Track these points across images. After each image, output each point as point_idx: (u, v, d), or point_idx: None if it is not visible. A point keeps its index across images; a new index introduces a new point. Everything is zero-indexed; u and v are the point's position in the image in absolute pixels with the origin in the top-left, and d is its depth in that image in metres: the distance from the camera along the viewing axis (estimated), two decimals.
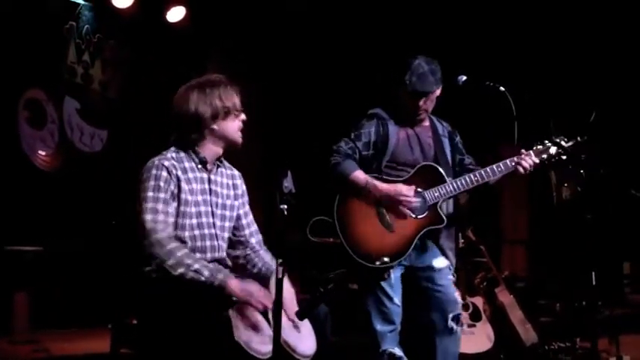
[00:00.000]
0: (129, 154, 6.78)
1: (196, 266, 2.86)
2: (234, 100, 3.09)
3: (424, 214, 3.63)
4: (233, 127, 3.10)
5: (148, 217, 2.90)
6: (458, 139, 3.91)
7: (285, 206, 2.72)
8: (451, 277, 3.78)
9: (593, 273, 4.79)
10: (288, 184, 2.76)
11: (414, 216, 3.61)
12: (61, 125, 6.88)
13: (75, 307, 6.11)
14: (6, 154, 6.26)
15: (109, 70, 7.30)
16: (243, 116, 3.13)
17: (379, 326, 3.64)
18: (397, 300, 3.67)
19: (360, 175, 3.61)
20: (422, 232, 3.62)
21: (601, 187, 4.59)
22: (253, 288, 2.93)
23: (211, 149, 3.10)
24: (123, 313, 3.19)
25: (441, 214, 3.65)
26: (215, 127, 3.06)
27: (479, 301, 5.37)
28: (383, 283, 3.62)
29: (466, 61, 5.18)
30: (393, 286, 3.65)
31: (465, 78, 3.78)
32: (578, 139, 3.78)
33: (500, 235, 7.76)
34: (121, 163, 6.86)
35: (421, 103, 3.67)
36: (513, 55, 6.90)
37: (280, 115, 7.93)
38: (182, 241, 2.96)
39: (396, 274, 3.66)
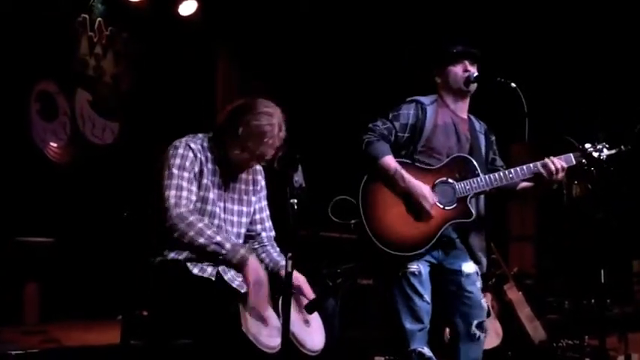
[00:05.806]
0: (140, 146, 6.81)
1: (218, 238, 2.87)
2: (275, 148, 3.08)
3: (452, 206, 3.45)
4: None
5: (172, 192, 2.93)
6: (493, 138, 3.77)
7: (295, 200, 2.73)
8: (479, 283, 3.58)
9: (603, 271, 4.78)
10: (298, 178, 2.76)
11: (440, 206, 3.43)
12: (72, 117, 6.92)
13: (85, 298, 6.14)
14: (18, 146, 6.30)
15: (121, 62, 7.33)
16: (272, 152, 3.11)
17: (408, 324, 3.43)
18: (427, 297, 3.46)
19: (390, 161, 3.43)
20: (448, 224, 3.44)
21: (611, 185, 4.57)
22: (264, 282, 2.88)
23: (237, 155, 3.11)
24: (133, 305, 3.21)
25: (470, 208, 3.46)
26: (250, 145, 3.05)
27: (487, 297, 5.35)
28: (413, 280, 3.43)
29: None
30: (423, 283, 3.46)
31: (476, 74, 3.74)
32: (622, 147, 3.54)
33: (509, 232, 7.74)
34: (132, 156, 6.89)
35: (469, 63, 3.61)
36: (533, 54, 6.87)
37: (290, 110, 7.93)
38: None
39: (425, 271, 3.47)
